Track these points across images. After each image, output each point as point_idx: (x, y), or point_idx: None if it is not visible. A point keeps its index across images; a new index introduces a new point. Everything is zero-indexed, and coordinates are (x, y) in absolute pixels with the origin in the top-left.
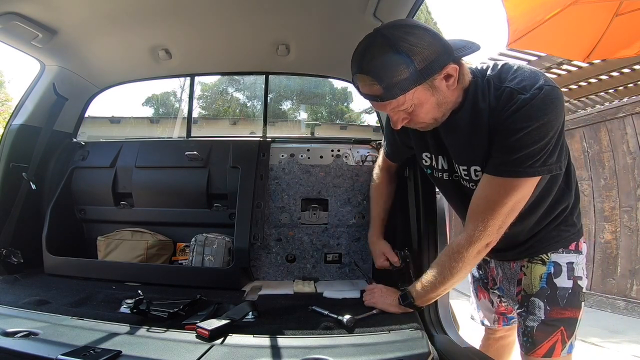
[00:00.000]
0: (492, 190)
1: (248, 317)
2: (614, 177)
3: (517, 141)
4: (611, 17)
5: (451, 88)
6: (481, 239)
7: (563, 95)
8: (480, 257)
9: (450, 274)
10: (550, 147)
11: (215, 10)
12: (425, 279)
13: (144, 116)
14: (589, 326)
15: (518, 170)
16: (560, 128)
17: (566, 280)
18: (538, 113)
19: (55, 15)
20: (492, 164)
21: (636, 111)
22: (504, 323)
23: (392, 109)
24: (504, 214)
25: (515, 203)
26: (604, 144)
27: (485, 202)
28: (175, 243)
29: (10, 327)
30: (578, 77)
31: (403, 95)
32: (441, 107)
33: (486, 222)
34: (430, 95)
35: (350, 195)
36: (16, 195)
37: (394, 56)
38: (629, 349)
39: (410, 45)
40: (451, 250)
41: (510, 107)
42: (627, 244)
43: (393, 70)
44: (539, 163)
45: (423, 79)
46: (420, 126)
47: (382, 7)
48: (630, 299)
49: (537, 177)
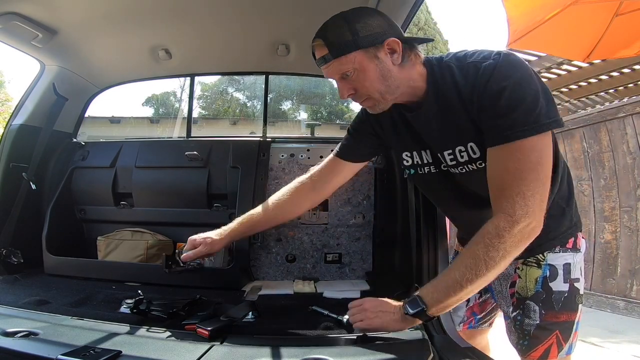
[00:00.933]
0: (511, 159)
1: (248, 317)
2: (614, 177)
3: (507, 101)
4: (611, 17)
5: (396, 63)
6: (526, 215)
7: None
8: (522, 247)
9: (487, 268)
10: (544, 102)
11: (215, 11)
12: (446, 278)
13: (144, 116)
14: (589, 326)
15: (525, 129)
16: (542, 84)
17: (562, 283)
18: (509, 71)
19: (55, 15)
20: (496, 133)
21: (636, 111)
22: (470, 325)
23: (336, 72)
24: (538, 180)
25: (544, 167)
26: (604, 144)
27: (510, 175)
28: (175, 243)
29: (10, 327)
30: (578, 77)
31: (345, 56)
32: (387, 80)
33: (523, 193)
34: (373, 65)
35: (350, 195)
36: (16, 195)
37: (340, 21)
38: (629, 349)
39: (357, 16)
40: (488, 236)
41: (480, 78)
42: (627, 244)
43: (337, 32)
44: (542, 117)
45: (364, 45)
46: (368, 104)
47: (382, 7)
48: (630, 299)
49: (549, 135)
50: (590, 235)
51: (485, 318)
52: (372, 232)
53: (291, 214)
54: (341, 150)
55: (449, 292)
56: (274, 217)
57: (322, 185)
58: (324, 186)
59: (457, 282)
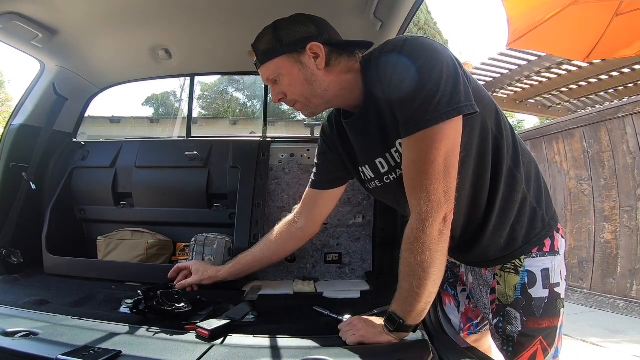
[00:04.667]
0: (415, 151)
1: (248, 317)
2: (614, 177)
3: (407, 91)
4: (611, 17)
5: (320, 67)
6: (432, 211)
7: (433, 41)
8: (445, 238)
9: (423, 270)
10: (448, 88)
11: (215, 11)
12: (402, 290)
13: (144, 116)
14: (589, 326)
15: (425, 119)
16: (449, 68)
17: (541, 290)
18: (411, 59)
19: (55, 15)
20: (402, 126)
21: (636, 111)
22: (469, 331)
23: (267, 79)
24: (439, 172)
25: (445, 158)
26: (604, 144)
27: (415, 167)
28: (175, 243)
29: (10, 327)
30: (578, 77)
31: (270, 61)
32: (311, 84)
33: (427, 188)
34: (297, 70)
35: (350, 195)
36: (16, 195)
37: (268, 30)
38: (629, 349)
39: (285, 23)
40: (409, 242)
41: (386, 71)
42: (627, 244)
43: (264, 39)
44: (443, 105)
45: (287, 51)
46: (298, 107)
47: (382, 7)
48: (630, 299)
49: (452, 122)
50: (590, 235)
51: (484, 322)
52: (372, 232)
53: (280, 255)
54: (314, 180)
55: (412, 302)
56: (263, 258)
57: (307, 221)
58: (308, 221)
59: (411, 291)
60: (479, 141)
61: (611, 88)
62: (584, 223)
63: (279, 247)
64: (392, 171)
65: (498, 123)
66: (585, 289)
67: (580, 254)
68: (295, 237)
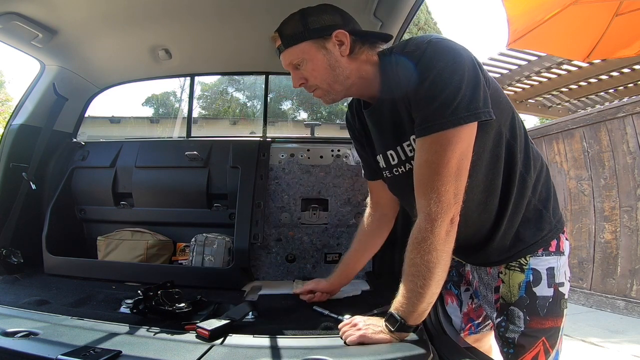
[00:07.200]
0: (429, 152)
1: (248, 317)
2: (614, 177)
3: (427, 92)
4: (611, 17)
5: (344, 54)
6: (442, 212)
7: (456, 43)
8: (451, 239)
9: (429, 270)
10: (468, 92)
11: (215, 11)
12: (405, 290)
13: (144, 116)
14: (589, 326)
15: (442, 122)
16: (470, 73)
17: (546, 288)
18: (433, 61)
19: (55, 15)
20: (418, 125)
21: (636, 111)
22: (470, 331)
23: (289, 64)
24: (451, 174)
25: (459, 160)
26: (604, 144)
27: (427, 168)
28: (175, 243)
29: (10, 327)
30: (578, 77)
31: (295, 46)
32: (334, 70)
33: (438, 189)
34: (321, 55)
35: (350, 195)
36: (16, 195)
37: (296, 16)
38: (629, 349)
39: (313, 11)
40: (416, 242)
41: (409, 70)
42: (627, 244)
43: (290, 25)
44: (461, 109)
45: (313, 36)
46: (318, 94)
47: (382, 7)
48: (630, 299)
49: (468, 127)
50: (590, 235)
51: (485, 322)
52: None
53: (378, 246)
54: (364, 172)
55: (415, 302)
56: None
57: (383, 207)
58: (384, 207)
59: (415, 290)
60: (492, 145)
61: (611, 88)
62: (584, 223)
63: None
64: (401, 164)
65: (512, 128)
66: (585, 289)
67: (580, 254)
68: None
